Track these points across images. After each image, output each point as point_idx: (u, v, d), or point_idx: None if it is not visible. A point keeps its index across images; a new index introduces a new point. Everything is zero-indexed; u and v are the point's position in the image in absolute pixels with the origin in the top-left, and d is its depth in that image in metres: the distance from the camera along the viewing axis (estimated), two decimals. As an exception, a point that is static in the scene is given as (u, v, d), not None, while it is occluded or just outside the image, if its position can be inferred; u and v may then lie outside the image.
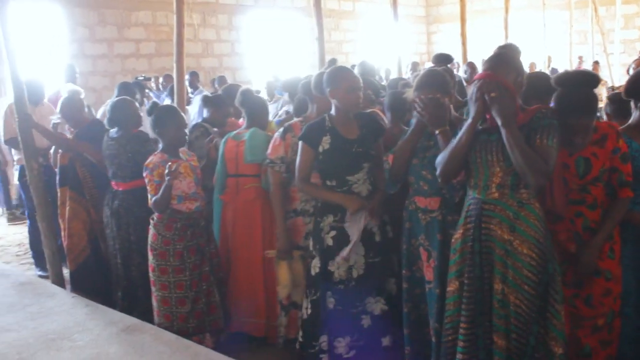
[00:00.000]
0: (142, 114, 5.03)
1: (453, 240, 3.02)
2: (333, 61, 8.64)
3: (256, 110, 4.53)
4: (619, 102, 3.61)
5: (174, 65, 5.88)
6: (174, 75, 5.92)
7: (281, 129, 3.98)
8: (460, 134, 2.89)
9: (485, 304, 2.88)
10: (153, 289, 4.08)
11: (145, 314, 4.48)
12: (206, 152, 4.30)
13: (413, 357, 3.46)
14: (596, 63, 11.74)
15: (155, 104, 4.13)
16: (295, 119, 4.05)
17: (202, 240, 4.10)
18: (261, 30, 15.20)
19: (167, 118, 4.05)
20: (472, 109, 2.83)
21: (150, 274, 4.07)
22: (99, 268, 5.18)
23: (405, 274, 3.44)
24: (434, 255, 3.26)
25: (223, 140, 4.50)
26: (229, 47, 14.44)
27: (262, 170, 4.16)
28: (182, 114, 4.24)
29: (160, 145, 4.13)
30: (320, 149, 3.53)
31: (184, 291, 3.98)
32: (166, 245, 3.98)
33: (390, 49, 11.03)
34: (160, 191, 3.88)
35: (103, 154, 4.81)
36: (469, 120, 2.84)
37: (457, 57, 9.58)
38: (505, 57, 2.85)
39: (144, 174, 4.02)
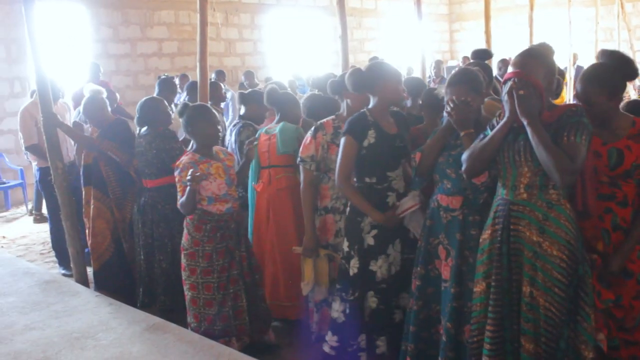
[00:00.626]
0: (170, 112, 5.06)
1: (481, 240, 2.98)
2: (374, 59, 8.56)
3: (285, 106, 4.65)
4: None
5: (197, 64, 5.87)
6: (198, 74, 5.91)
7: (312, 128, 3.99)
8: (493, 132, 2.87)
9: (513, 306, 2.83)
10: (184, 287, 4.07)
11: (164, 312, 4.58)
12: (245, 152, 4.32)
13: (416, 355, 3.41)
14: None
15: (186, 105, 4.10)
16: (327, 118, 4.02)
17: (232, 242, 4.05)
18: (283, 29, 15.18)
19: (198, 117, 4.01)
20: (505, 109, 2.81)
21: (182, 273, 4.07)
22: (122, 268, 5.23)
23: (420, 272, 3.40)
24: (453, 254, 3.24)
25: (256, 135, 4.61)
26: (252, 46, 14.45)
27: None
28: (215, 112, 4.21)
29: (193, 145, 4.09)
30: (366, 143, 3.52)
31: (212, 293, 3.97)
32: (195, 246, 3.97)
33: (412, 47, 10.94)
34: (185, 195, 3.85)
35: (135, 152, 4.87)
36: (504, 119, 2.82)
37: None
38: (534, 54, 2.82)
39: (175, 174, 4.00)
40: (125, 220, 5.11)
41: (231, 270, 4.03)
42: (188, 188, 3.80)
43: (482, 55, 4.56)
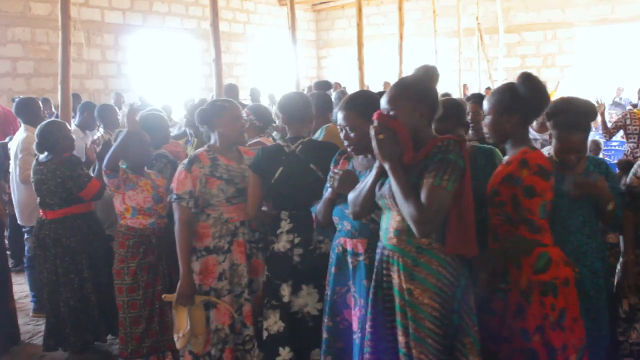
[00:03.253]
0: (74, 136, 4.79)
1: None
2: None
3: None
4: None
5: (59, 86, 5.43)
6: (59, 98, 5.45)
7: (185, 161, 3.65)
8: (366, 177, 2.72)
9: (392, 356, 2.62)
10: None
11: (75, 354, 4.47)
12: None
13: None
14: (488, 89, 12.09)
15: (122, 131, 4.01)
16: (200, 149, 3.73)
17: (154, 257, 4.02)
18: (149, 51, 14.65)
19: (131, 141, 3.96)
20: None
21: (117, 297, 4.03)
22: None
23: (327, 324, 3.09)
24: (360, 303, 2.93)
25: None
26: (115, 68, 13.82)
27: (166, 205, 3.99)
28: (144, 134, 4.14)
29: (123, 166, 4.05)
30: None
31: (138, 310, 3.95)
32: (121, 264, 3.97)
33: (282, 73, 10.88)
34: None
35: (31, 180, 4.59)
36: (375, 164, 2.64)
37: (354, 81, 9.56)
38: (400, 88, 2.60)
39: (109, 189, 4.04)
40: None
41: (156, 285, 4.01)
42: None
43: (324, 86, 4.53)
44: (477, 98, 5.08)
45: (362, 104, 2.93)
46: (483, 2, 16.10)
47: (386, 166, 2.50)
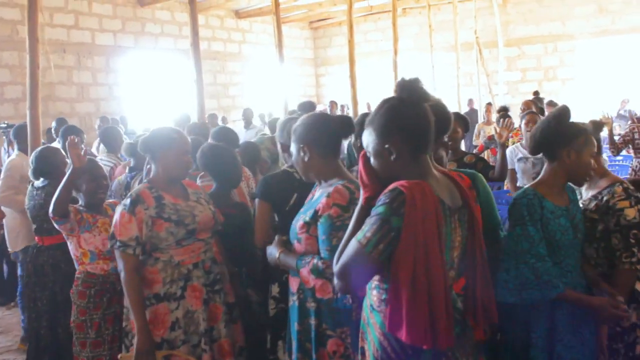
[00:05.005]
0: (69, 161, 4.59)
1: None
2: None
3: None
4: None
5: (27, 112, 5.12)
6: (28, 122, 5.13)
7: (126, 202, 3.14)
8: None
9: None
10: None
11: None
12: None
13: None
14: (489, 104, 11.73)
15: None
16: (141, 186, 3.28)
17: (119, 307, 3.63)
18: (142, 73, 14.37)
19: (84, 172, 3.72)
20: None
21: (73, 350, 3.67)
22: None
23: None
24: (293, 346, 2.71)
25: None
26: (107, 91, 13.51)
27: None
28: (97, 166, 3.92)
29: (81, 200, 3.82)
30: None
31: None
32: (82, 316, 3.61)
33: (276, 92, 10.58)
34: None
35: (26, 206, 4.45)
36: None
37: (347, 99, 9.31)
38: (365, 124, 2.15)
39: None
40: None
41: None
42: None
43: (308, 107, 4.19)
44: (456, 116, 4.79)
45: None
46: (481, 16, 15.85)
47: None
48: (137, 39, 14.17)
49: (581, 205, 2.95)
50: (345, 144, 3.01)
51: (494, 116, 11.61)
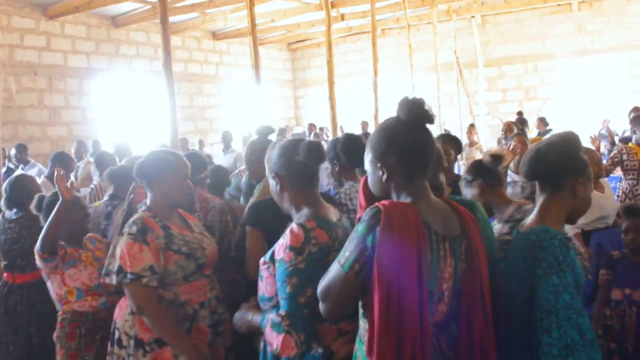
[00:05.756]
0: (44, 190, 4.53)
1: None
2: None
3: None
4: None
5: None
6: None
7: (132, 231, 2.80)
8: None
9: None
10: None
11: None
12: None
13: None
14: (471, 126, 11.54)
15: (41, 197, 3.56)
16: (140, 214, 2.97)
17: None
18: (116, 95, 14.00)
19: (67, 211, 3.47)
20: None
21: None
22: None
23: None
24: None
25: None
26: (80, 114, 13.14)
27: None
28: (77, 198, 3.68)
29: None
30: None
31: None
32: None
33: (254, 114, 10.33)
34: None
35: None
36: None
37: (326, 121, 9.08)
38: (369, 142, 2.10)
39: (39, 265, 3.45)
40: None
41: None
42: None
43: (266, 132, 3.89)
44: (447, 137, 4.66)
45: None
46: (461, 36, 15.81)
47: None
48: (111, 60, 13.84)
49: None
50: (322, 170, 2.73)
51: (476, 137, 11.44)
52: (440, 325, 1.87)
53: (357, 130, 15.23)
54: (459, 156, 5.30)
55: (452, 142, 4.55)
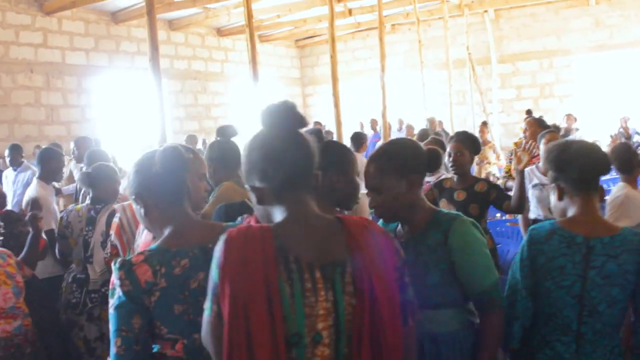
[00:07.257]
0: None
1: None
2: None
3: None
4: None
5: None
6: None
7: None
8: None
9: None
10: None
11: None
12: None
13: None
14: (484, 124, 11.02)
15: None
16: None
17: None
18: (116, 94, 13.59)
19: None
20: None
21: None
22: None
23: None
24: None
25: None
26: (79, 113, 12.75)
27: None
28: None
29: None
30: None
31: None
32: None
33: (254, 113, 9.90)
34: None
35: None
36: None
37: (331, 119, 8.69)
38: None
39: None
40: None
41: None
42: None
43: (228, 133, 3.50)
44: (461, 136, 4.28)
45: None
46: (473, 32, 15.29)
47: None
48: (111, 57, 13.44)
49: None
50: None
51: (489, 136, 10.94)
52: None
53: (367, 129, 14.76)
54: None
55: (467, 142, 4.15)
